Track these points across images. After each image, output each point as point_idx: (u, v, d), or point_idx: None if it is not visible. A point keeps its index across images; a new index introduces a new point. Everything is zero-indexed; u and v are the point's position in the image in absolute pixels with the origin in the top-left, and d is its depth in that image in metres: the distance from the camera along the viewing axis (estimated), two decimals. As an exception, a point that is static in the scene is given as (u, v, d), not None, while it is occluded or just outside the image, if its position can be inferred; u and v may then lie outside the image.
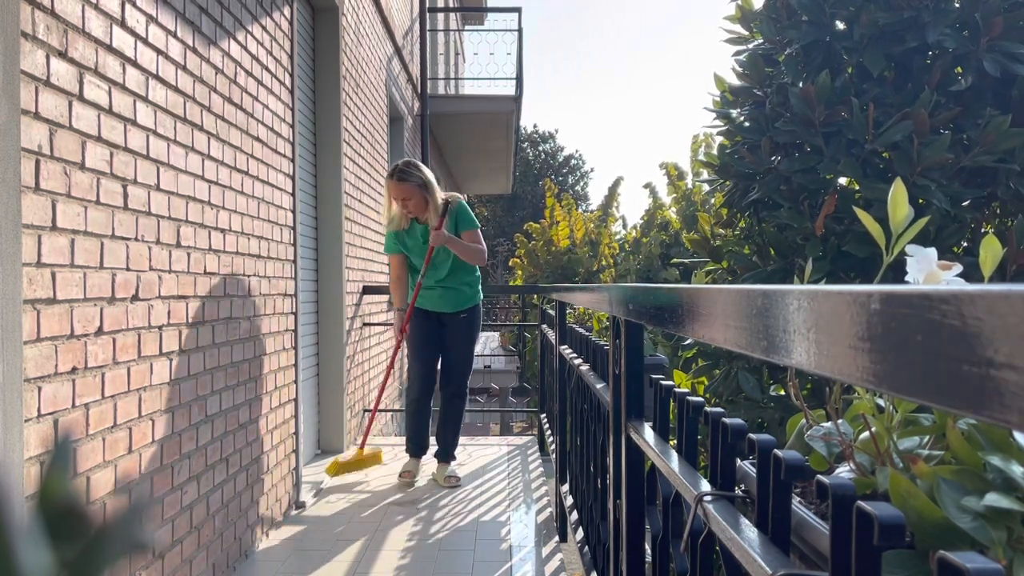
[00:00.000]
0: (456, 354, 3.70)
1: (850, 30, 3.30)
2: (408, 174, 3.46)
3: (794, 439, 1.03)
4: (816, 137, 3.15)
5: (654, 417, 1.24)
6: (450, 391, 3.75)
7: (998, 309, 0.27)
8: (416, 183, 3.46)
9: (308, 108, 4.13)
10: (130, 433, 1.88)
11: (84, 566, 0.23)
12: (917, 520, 0.68)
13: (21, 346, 1.43)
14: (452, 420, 3.78)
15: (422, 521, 3.19)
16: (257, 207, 2.85)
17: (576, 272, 12.39)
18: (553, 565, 2.75)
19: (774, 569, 0.66)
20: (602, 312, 3.06)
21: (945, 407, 0.30)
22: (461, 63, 15.24)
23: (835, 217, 3.14)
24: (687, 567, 1.04)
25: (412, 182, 3.46)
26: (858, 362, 0.37)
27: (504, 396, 10.17)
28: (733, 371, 3.32)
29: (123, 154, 1.85)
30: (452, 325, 3.69)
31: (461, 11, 13.84)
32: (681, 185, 11.45)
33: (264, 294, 2.93)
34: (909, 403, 0.85)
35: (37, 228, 1.50)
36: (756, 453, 0.75)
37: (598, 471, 2.01)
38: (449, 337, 3.70)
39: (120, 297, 1.83)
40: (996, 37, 3.00)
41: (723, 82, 3.73)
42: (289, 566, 2.70)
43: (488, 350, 11.60)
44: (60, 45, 1.59)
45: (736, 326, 0.58)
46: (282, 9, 3.24)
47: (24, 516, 0.22)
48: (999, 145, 2.91)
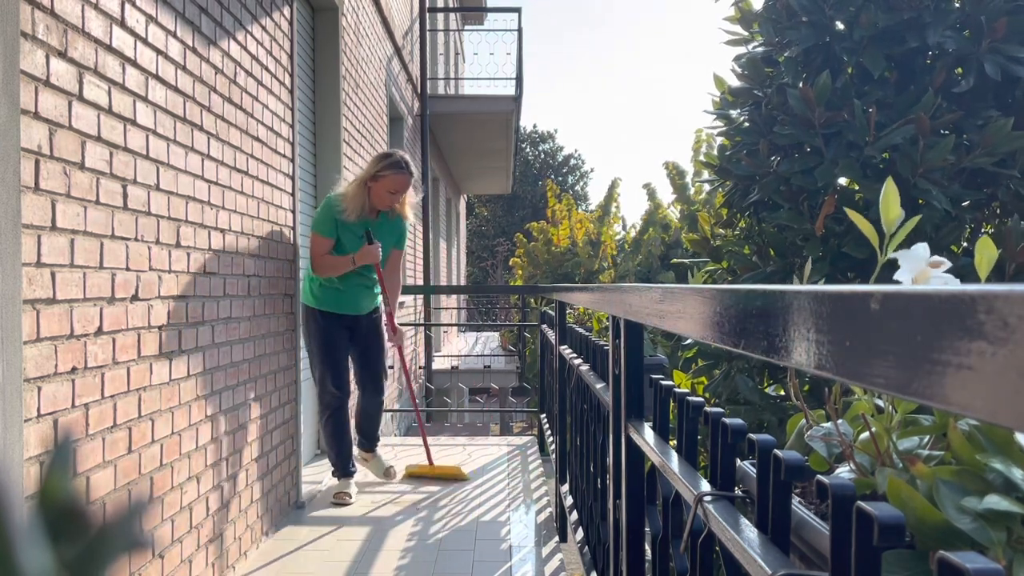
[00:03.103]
0: (373, 352, 3.54)
1: (850, 31, 3.30)
2: (412, 170, 3.40)
3: (794, 439, 1.03)
4: (816, 138, 3.15)
5: (654, 417, 1.24)
6: (371, 389, 3.60)
7: (998, 309, 0.27)
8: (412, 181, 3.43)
9: (308, 108, 4.13)
10: (130, 433, 1.88)
11: (84, 566, 0.23)
12: (916, 522, 0.68)
13: (21, 346, 1.43)
14: (375, 414, 3.66)
15: (422, 521, 3.18)
16: (257, 207, 2.85)
17: (576, 272, 12.39)
18: (553, 565, 2.75)
19: (774, 569, 0.66)
20: (602, 312, 3.07)
21: (945, 407, 0.30)
22: (461, 63, 15.24)
23: (835, 218, 3.14)
24: (687, 567, 1.04)
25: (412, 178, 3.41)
26: (858, 362, 0.37)
27: (504, 396, 10.17)
28: (733, 371, 3.32)
29: (123, 154, 1.85)
30: (366, 324, 3.52)
31: (461, 11, 13.84)
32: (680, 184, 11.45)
33: (264, 294, 2.93)
34: (909, 403, 0.85)
35: (37, 228, 1.50)
36: (756, 453, 0.75)
37: (598, 471, 2.01)
38: (364, 337, 3.52)
39: (120, 297, 1.83)
40: (998, 39, 3.00)
41: (723, 83, 3.73)
42: (289, 566, 2.70)
43: (488, 350, 11.60)
44: (60, 45, 1.59)
45: (735, 326, 0.58)
46: (282, 9, 3.24)
47: (24, 516, 0.22)
48: (1000, 147, 2.91)
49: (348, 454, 3.55)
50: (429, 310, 8.42)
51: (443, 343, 11.25)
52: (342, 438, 3.51)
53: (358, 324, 3.49)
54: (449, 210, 12.23)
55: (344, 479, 3.52)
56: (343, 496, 3.43)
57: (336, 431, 3.49)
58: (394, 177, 3.32)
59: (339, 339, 3.42)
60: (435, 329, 10.19)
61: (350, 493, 3.46)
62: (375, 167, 3.33)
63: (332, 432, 3.49)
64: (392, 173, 3.31)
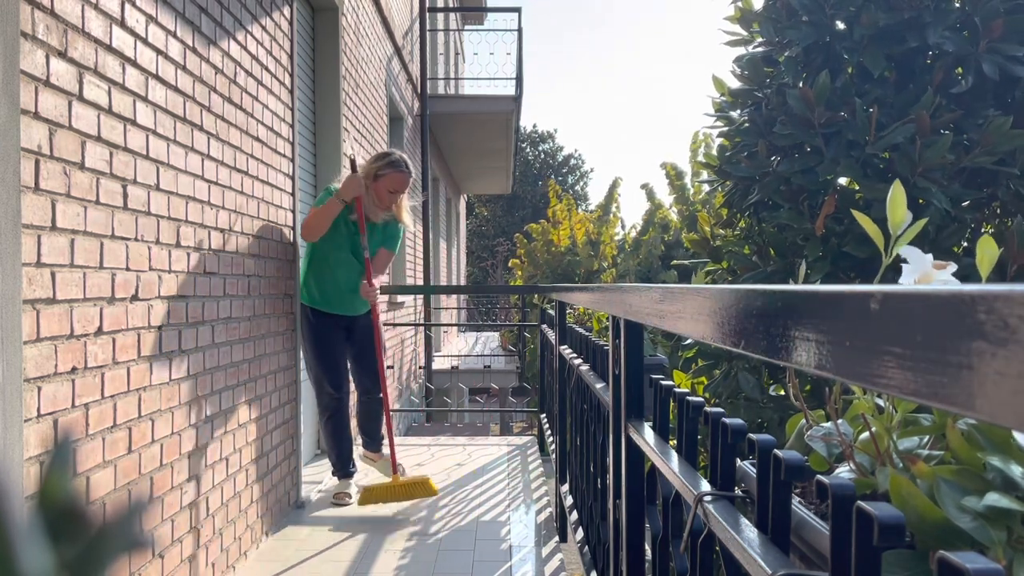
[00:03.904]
0: (370, 353, 3.51)
1: (850, 30, 3.30)
2: (411, 169, 3.39)
3: (794, 439, 1.03)
4: (816, 138, 3.15)
5: (654, 417, 1.24)
6: (369, 394, 3.57)
7: (998, 309, 0.27)
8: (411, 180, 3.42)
9: (308, 108, 4.13)
10: (130, 433, 1.88)
11: (84, 566, 0.23)
12: (917, 520, 0.68)
13: (21, 346, 1.43)
14: (376, 414, 3.59)
15: (422, 521, 3.18)
16: (257, 207, 2.85)
17: (576, 272, 12.39)
18: (553, 565, 2.75)
19: (774, 569, 0.66)
20: (602, 312, 3.07)
21: (944, 407, 0.30)
22: (461, 63, 15.24)
23: (835, 217, 3.14)
24: (687, 567, 1.04)
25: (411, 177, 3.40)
26: (858, 362, 0.37)
27: (504, 396, 10.17)
28: (733, 371, 3.32)
29: (123, 154, 1.85)
30: (361, 326, 3.50)
31: (461, 11, 13.84)
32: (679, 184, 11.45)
33: (264, 294, 2.93)
34: (909, 403, 0.85)
35: (37, 228, 1.50)
36: (756, 453, 0.75)
37: (598, 471, 2.01)
38: (360, 339, 3.51)
39: (120, 297, 1.83)
40: (996, 39, 3.00)
41: (723, 84, 3.73)
42: (289, 566, 2.70)
43: (488, 350, 11.61)
44: (60, 45, 1.59)
45: (735, 326, 0.58)
46: (282, 9, 3.24)
47: (24, 516, 0.22)
48: (1000, 146, 2.91)
49: (348, 455, 3.54)
50: (429, 310, 8.42)
51: (443, 343, 11.25)
52: (341, 439, 3.50)
53: (354, 325, 3.48)
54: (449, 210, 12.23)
55: (344, 479, 3.52)
56: (343, 496, 3.43)
57: (336, 432, 3.48)
58: (393, 176, 3.31)
59: (334, 341, 3.40)
60: (435, 329, 10.19)
61: (350, 493, 3.46)
62: (374, 166, 3.32)
63: (332, 433, 3.49)
64: (391, 172, 3.31)
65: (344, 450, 3.52)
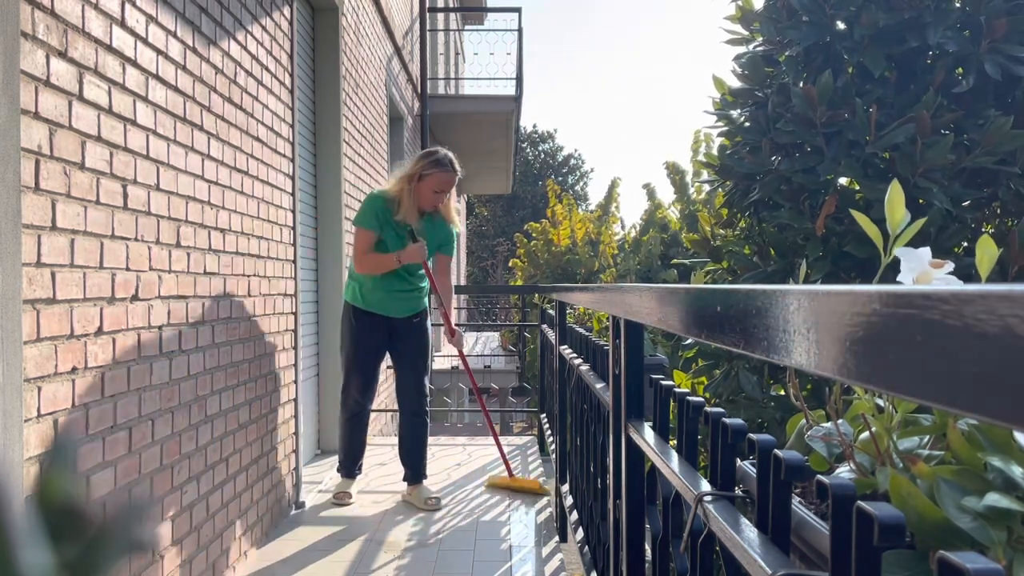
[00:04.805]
0: (412, 354, 3.33)
1: (851, 30, 3.30)
2: (457, 168, 3.28)
3: (794, 439, 1.03)
4: (817, 137, 3.15)
5: (654, 417, 1.24)
6: (411, 411, 3.36)
7: (998, 309, 0.27)
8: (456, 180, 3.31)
9: (308, 108, 4.13)
10: (130, 433, 1.88)
11: (84, 566, 0.23)
12: (917, 520, 0.68)
13: (21, 346, 1.43)
14: (419, 442, 3.39)
15: (422, 521, 3.18)
16: (257, 207, 2.85)
17: (576, 272, 12.39)
18: (553, 565, 2.75)
19: (774, 569, 0.66)
20: (602, 312, 3.07)
21: (945, 407, 0.30)
22: (461, 63, 15.24)
23: (835, 217, 3.14)
24: (687, 567, 1.04)
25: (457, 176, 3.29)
26: (858, 362, 0.37)
27: (504, 396, 10.17)
28: (733, 371, 3.32)
29: (123, 154, 1.85)
30: (405, 331, 3.32)
31: (461, 11, 13.84)
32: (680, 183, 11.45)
33: (264, 294, 2.93)
34: (909, 403, 0.85)
35: (37, 228, 1.50)
36: (756, 453, 0.75)
37: (598, 471, 2.01)
38: (403, 346, 3.33)
39: (120, 297, 1.83)
40: (998, 39, 3.00)
41: (723, 84, 3.73)
42: (289, 566, 2.70)
43: (488, 350, 11.60)
44: (60, 45, 1.59)
45: (736, 326, 0.58)
46: (282, 9, 3.24)
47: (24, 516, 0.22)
48: (1000, 146, 2.91)
49: (357, 456, 3.48)
50: (429, 310, 8.41)
51: (443, 343, 11.25)
52: (354, 442, 3.45)
53: (397, 327, 3.33)
54: (449, 210, 12.19)
55: (347, 479, 3.50)
56: (343, 496, 3.42)
57: (352, 433, 3.43)
58: (439, 175, 3.21)
59: (373, 344, 3.30)
60: (435, 329, 10.18)
61: (350, 493, 3.45)
62: (418, 166, 3.22)
63: (347, 434, 3.43)
64: (437, 171, 3.21)
65: (355, 451, 3.46)
